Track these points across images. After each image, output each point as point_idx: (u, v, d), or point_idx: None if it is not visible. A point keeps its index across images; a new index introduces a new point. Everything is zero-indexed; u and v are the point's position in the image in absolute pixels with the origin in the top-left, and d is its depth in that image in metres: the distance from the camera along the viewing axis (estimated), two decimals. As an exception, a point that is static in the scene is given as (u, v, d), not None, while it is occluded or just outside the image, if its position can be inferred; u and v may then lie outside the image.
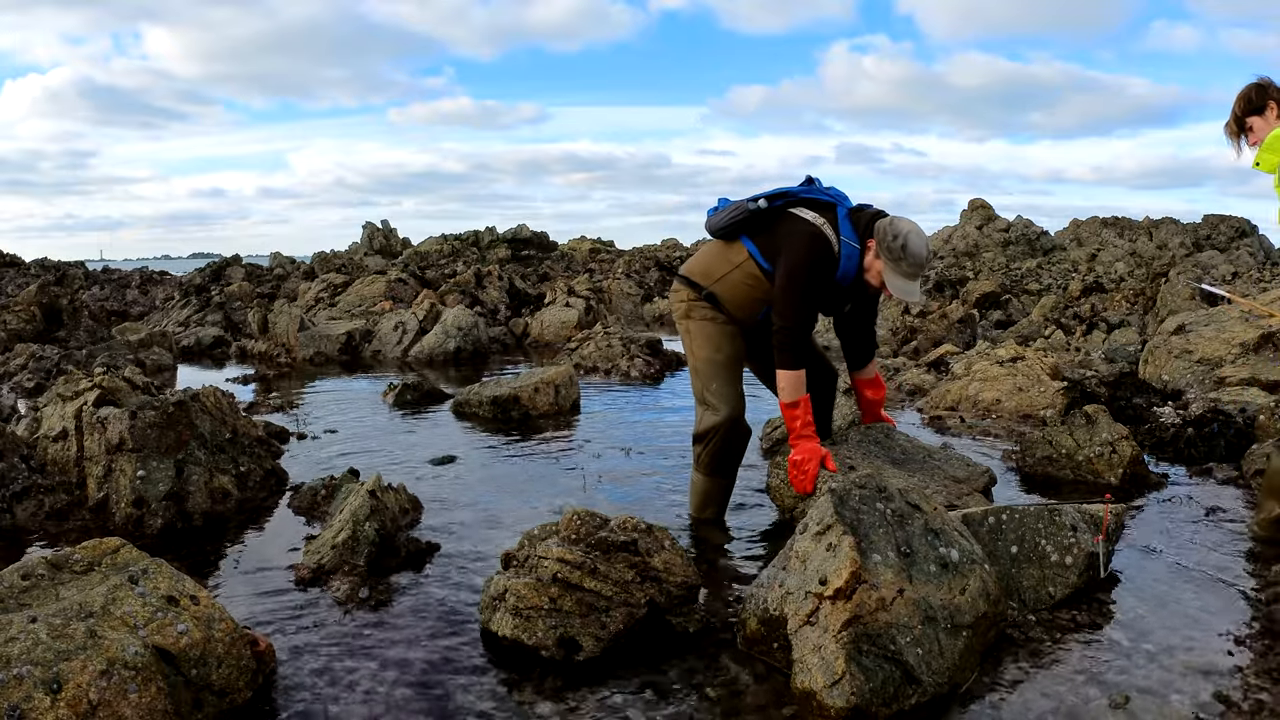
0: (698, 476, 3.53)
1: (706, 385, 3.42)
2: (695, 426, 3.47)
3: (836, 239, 3.20)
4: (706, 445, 3.41)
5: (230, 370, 8.80)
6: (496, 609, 2.45)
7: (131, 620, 2.05)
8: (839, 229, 3.21)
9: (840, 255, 3.21)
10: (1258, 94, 3.09)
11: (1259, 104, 3.09)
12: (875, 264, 3.19)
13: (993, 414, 5.41)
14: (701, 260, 3.52)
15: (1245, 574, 2.91)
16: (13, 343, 8.82)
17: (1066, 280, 14.73)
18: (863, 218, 3.25)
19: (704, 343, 3.44)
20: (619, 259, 23.08)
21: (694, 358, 3.47)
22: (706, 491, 3.53)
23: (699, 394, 3.47)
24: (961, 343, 8.92)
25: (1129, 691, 2.15)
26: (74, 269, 20.51)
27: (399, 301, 12.16)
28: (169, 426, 3.69)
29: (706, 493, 3.53)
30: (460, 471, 4.42)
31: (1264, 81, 3.11)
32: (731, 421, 3.37)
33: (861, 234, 3.22)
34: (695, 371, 3.47)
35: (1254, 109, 3.10)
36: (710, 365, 3.42)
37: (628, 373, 7.76)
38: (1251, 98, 3.10)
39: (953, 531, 2.44)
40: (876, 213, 3.27)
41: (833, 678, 2.05)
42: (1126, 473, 3.92)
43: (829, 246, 3.19)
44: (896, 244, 3.11)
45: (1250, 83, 3.13)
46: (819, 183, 3.41)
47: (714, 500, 3.54)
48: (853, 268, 3.24)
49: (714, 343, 3.43)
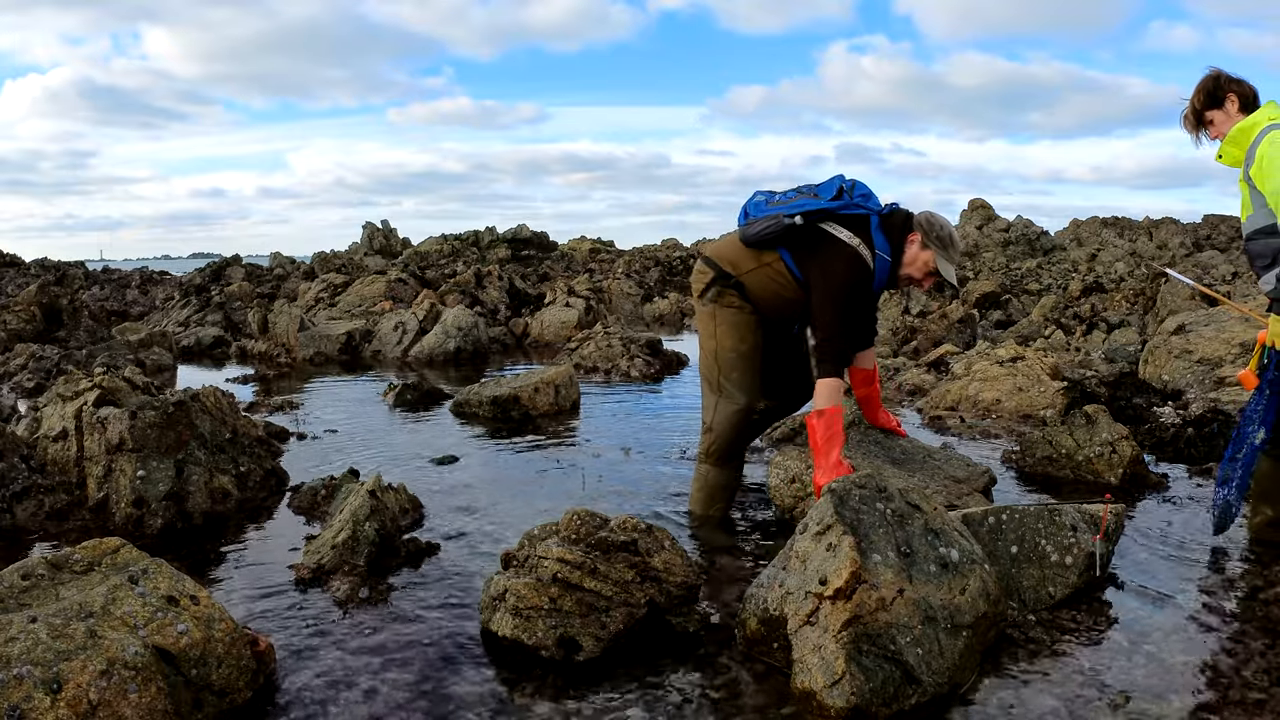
0: (707, 468, 3.51)
1: (726, 374, 3.43)
2: (705, 415, 3.45)
3: (872, 255, 3.29)
4: (719, 433, 3.41)
5: (230, 370, 8.80)
6: (496, 609, 2.45)
7: (131, 620, 2.05)
8: (874, 243, 3.29)
9: (875, 269, 3.31)
10: (1215, 87, 3.12)
11: (1218, 97, 3.11)
12: (921, 255, 3.29)
13: (993, 414, 5.41)
14: (730, 250, 3.49)
15: (1245, 574, 2.92)
16: (13, 343, 8.82)
17: (1066, 280, 14.73)
18: (894, 223, 3.33)
19: (729, 331, 3.44)
20: (619, 259, 23.09)
21: (716, 344, 3.45)
22: (716, 484, 3.51)
23: (714, 381, 3.46)
24: (961, 343, 8.92)
25: (1129, 691, 2.15)
26: (74, 269, 20.53)
27: (399, 301, 12.16)
28: (169, 426, 3.69)
29: (716, 485, 3.52)
30: (460, 471, 4.42)
31: (1219, 74, 3.13)
32: (748, 409, 3.43)
33: (896, 238, 3.31)
34: (714, 357, 3.45)
35: (1213, 102, 3.12)
36: (734, 355, 3.43)
37: (628, 373, 7.76)
38: (1211, 91, 3.12)
39: (953, 531, 2.44)
40: (907, 214, 3.36)
41: (833, 678, 2.05)
42: (1126, 473, 3.93)
43: (865, 266, 3.29)
44: (945, 233, 3.30)
45: (1207, 75, 3.15)
46: (850, 187, 3.35)
47: (721, 495, 3.53)
48: (885, 276, 3.34)
49: (739, 333, 3.44)
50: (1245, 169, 3.02)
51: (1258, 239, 3.10)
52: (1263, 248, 3.08)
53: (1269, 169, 2.88)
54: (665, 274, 19.90)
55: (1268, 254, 3.07)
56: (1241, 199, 3.16)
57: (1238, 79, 3.12)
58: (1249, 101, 3.11)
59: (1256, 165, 2.94)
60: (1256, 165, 2.94)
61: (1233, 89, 3.10)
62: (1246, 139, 3.06)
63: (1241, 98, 3.10)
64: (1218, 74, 3.15)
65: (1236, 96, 3.10)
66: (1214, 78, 3.14)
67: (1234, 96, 3.10)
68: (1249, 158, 3.00)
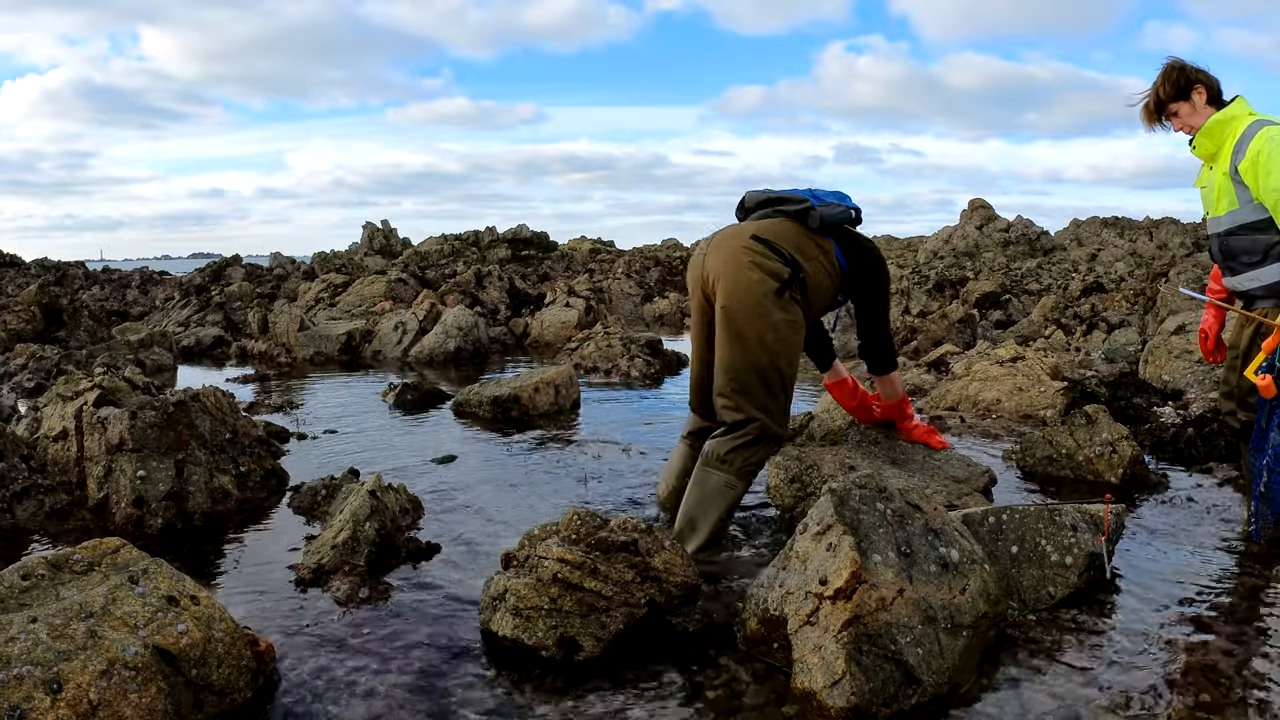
0: (734, 481, 3.12)
1: (776, 395, 3.10)
2: (741, 430, 3.08)
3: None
4: (757, 451, 3.11)
5: (230, 370, 8.80)
6: (496, 609, 2.45)
7: (132, 620, 2.05)
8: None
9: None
10: (1182, 79, 3.10)
11: (1185, 89, 3.10)
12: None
13: (993, 414, 5.41)
14: (788, 234, 3.14)
15: (1245, 574, 2.91)
16: (13, 343, 8.82)
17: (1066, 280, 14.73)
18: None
19: (793, 349, 3.11)
20: (619, 259, 23.09)
21: (775, 357, 3.05)
22: (736, 502, 3.20)
23: (759, 399, 3.06)
24: (961, 343, 8.92)
25: (1129, 691, 2.15)
26: (74, 269, 20.52)
27: (399, 301, 12.16)
28: (169, 426, 3.69)
29: (735, 503, 3.20)
30: (460, 471, 4.42)
31: (1183, 64, 3.12)
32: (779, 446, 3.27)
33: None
34: (771, 370, 3.06)
35: (1180, 94, 3.11)
36: (790, 376, 3.12)
37: (628, 373, 7.76)
38: (1177, 82, 3.11)
39: (953, 531, 2.44)
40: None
41: (833, 678, 2.05)
42: (1126, 473, 3.92)
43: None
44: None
45: (1170, 65, 3.13)
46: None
47: (733, 512, 3.26)
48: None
49: (798, 348, 3.15)
50: (1232, 163, 3.01)
51: (1242, 235, 3.08)
52: (1249, 244, 3.07)
53: (1268, 166, 2.88)
54: (665, 274, 19.89)
55: (1257, 251, 3.06)
56: (1213, 192, 3.15)
57: (1201, 69, 3.11)
58: (1215, 94, 3.10)
59: (1250, 161, 2.93)
60: (1250, 161, 2.93)
61: (1200, 80, 3.10)
62: (1224, 131, 3.05)
63: (1209, 89, 3.10)
64: (1182, 64, 3.12)
65: (1204, 88, 3.09)
66: (1179, 69, 3.11)
67: (1201, 89, 3.09)
68: (1236, 152, 2.99)
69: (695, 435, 3.49)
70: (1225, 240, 3.14)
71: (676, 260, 21.09)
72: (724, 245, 3.18)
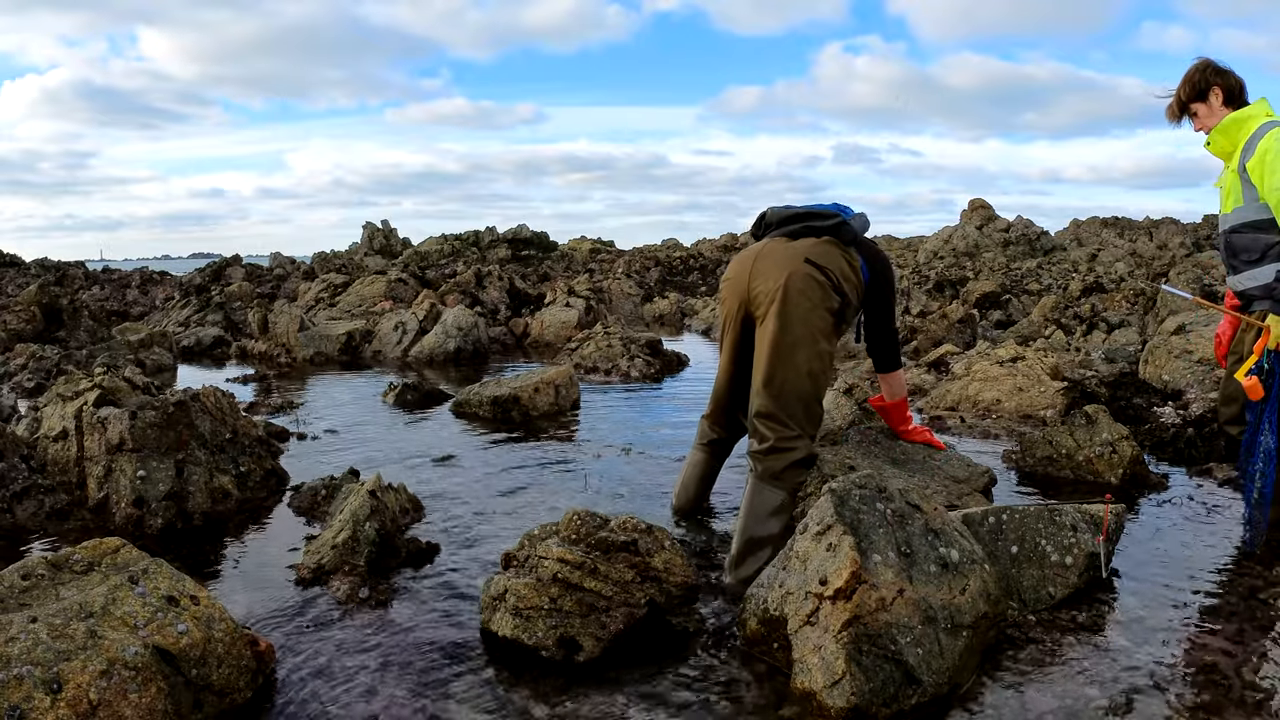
0: (788, 500, 3.03)
1: (816, 421, 3.14)
2: (789, 451, 3.03)
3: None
4: (802, 471, 3.07)
5: (230, 370, 8.80)
6: (496, 609, 2.45)
7: (132, 620, 2.05)
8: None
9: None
10: (1201, 80, 3.18)
11: (1203, 90, 3.17)
12: None
13: (993, 414, 5.41)
14: (833, 258, 3.13)
15: (1245, 573, 2.91)
16: (13, 343, 8.82)
17: (1066, 280, 14.72)
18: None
19: (829, 376, 3.20)
20: (619, 259, 23.09)
21: (819, 388, 3.09)
22: (791, 520, 3.04)
23: (801, 422, 3.06)
24: (961, 343, 8.92)
25: (1129, 691, 2.15)
26: (74, 269, 20.52)
27: (399, 301, 12.16)
28: (169, 426, 3.69)
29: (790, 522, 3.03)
30: (460, 471, 4.42)
31: (1206, 65, 3.19)
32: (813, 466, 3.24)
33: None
34: (814, 401, 3.10)
35: (1198, 95, 3.18)
36: (822, 391, 3.16)
37: (628, 373, 7.76)
38: (1196, 84, 3.18)
39: (953, 531, 2.44)
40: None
41: (833, 678, 2.05)
42: (1126, 473, 3.93)
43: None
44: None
45: (1194, 66, 3.21)
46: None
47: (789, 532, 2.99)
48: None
49: (831, 366, 3.21)
50: (1241, 161, 3.03)
51: (1244, 233, 3.10)
52: (1250, 242, 3.08)
53: (1273, 165, 2.89)
54: (665, 274, 19.90)
55: (1256, 249, 3.07)
56: (1225, 191, 3.18)
57: (1224, 70, 3.17)
58: (1234, 94, 3.15)
59: (1257, 159, 2.94)
60: (1257, 159, 2.94)
61: (1217, 82, 3.16)
62: (1239, 131, 3.08)
63: (1226, 91, 3.15)
64: (1205, 65, 3.19)
65: (1221, 90, 3.16)
66: (1201, 69, 3.19)
67: (1218, 90, 3.16)
68: (1246, 150, 3.01)
69: (713, 445, 3.57)
70: (1229, 237, 3.16)
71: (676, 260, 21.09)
72: (777, 267, 3.10)
